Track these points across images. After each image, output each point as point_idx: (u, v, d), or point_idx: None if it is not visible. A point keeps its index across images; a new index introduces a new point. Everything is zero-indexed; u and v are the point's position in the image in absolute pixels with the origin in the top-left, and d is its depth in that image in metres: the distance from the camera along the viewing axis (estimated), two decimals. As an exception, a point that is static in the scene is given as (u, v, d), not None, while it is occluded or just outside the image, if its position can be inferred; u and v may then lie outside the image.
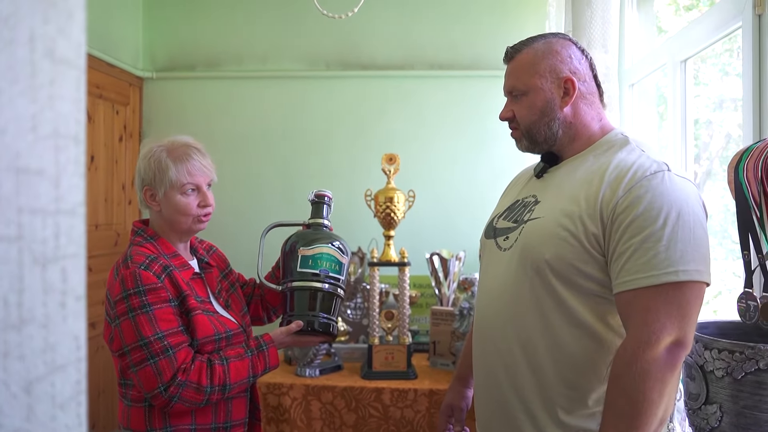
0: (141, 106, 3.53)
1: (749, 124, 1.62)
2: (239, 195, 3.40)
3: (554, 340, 1.29)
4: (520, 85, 1.40)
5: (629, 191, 1.22)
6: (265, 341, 1.59)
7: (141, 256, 1.50)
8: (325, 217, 1.75)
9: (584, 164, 1.36)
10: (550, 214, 1.32)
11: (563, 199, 1.32)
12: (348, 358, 2.72)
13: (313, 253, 1.65)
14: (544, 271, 1.29)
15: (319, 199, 1.76)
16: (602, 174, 1.28)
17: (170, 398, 1.43)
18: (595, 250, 1.25)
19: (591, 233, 1.24)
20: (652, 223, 1.18)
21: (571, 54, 1.40)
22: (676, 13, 3.26)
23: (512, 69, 1.43)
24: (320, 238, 1.68)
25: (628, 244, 1.19)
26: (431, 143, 3.40)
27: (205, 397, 1.46)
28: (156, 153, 1.56)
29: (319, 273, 1.64)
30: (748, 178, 1.24)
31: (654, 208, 1.18)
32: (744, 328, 1.34)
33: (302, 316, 1.63)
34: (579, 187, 1.31)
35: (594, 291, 1.26)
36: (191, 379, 1.44)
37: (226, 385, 1.49)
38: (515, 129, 1.45)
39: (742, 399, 1.17)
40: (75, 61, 0.44)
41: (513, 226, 1.41)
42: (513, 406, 1.35)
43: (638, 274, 1.17)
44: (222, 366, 1.49)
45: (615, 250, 1.22)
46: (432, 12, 3.41)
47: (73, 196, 0.44)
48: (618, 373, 1.17)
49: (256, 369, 1.55)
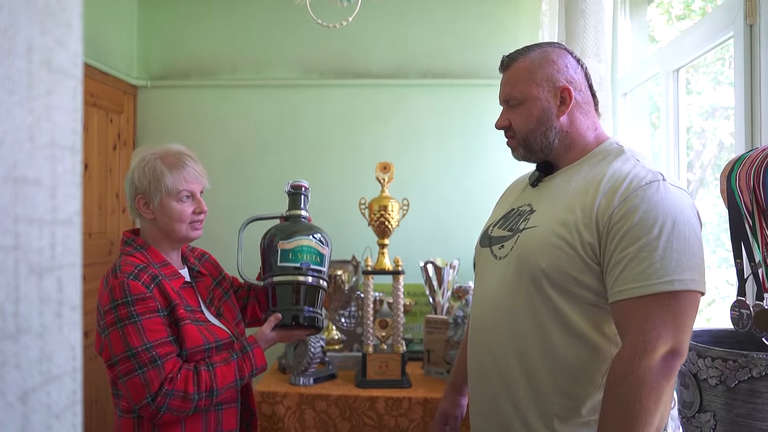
0: (135, 115, 3.53)
1: (741, 132, 1.63)
2: (232, 203, 3.39)
3: (549, 348, 1.29)
4: (517, 94, 1.40)
5: (625, 201, 1.23)
6: (248, 342, 1.58)
7: (130, 266, 1.49)
8: (303, 208, 1.73)
9: (580, 173, 1.37)
10: (545, 223, 1.33)
11: (559, 208, 1.33)
12: (342, 366, 2.71)
13: (292, 247, 1.63)
14: (540, 280, 1.29)
15: (295, 190, 1.73)
16: (598, 183, 1.29)
17: (158, 408, 1.42)
18: (590, 259, 1.25)
19: (587, 242, 1.25)
20: (648, 232, 1.19)
21: (567, 63, 1.40)
22: (668, 22, 3.28)
23: (508, 78, 1.43)
24: (299, 231, 1.65)
25: (624, 253, 1.20)
26: (425, 152, 3.41)
27: (193, 405, 1.45)
28: (150, 161, 1.56)
29: (300, 266, 1.62)
30: (741, 187, 1.24)
31: (649, 218, 1.19)
32: (737, 336, 1.34)
33: (286, 311, 1.61)
34: (575, 197, 1.31)
35: (590, 300, 1.27)
36: (177, 387, 1.43)
37: (214, 391, 1.48)
38: (511, 138, 1.46)
39: (736, 407, 1.17)
40: (72, 71, 0.44)
41: (508, 234, 1.42)
42: (508, 415, 1.35)
43: (634, 283, 1.18)
44: (208, 372, 1.48)
45: (611, 259, 1.22)
46: (425, 21, 3.43)
47: (70, 206, 0.44)
48: (614, 381, 1.18)
49: (243, 372, 1.54)
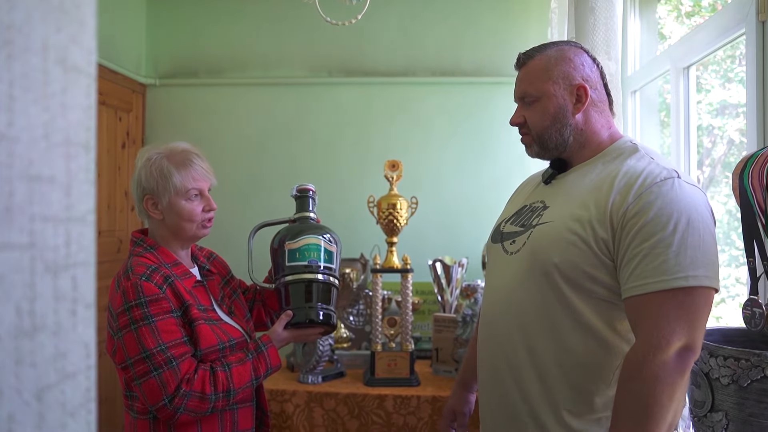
0: (144, 113, 3.54)
1: (753, 130, 1.62)
2: (242, 201, 3.40)
3: (561, 343, 1.30)
4: (533, 91, 1.40)
5: (639, 197, 1.23)
6: (263, 341, 1.57)
7: (142, 267, 1.48)
8: (311, 210, 1.74)
9: (593, 171, 1.37)
10: (559, 219, 1.33)
11: (572, 205, 1.33)
12: (350, 364, 2.71)
13: (299, 246, 1.63)
14: (552, 275, 1.29)
15: (302, 194, 1.75)
16: (612, 180, 1.30)
17: (175, 410, 1.42)
18: (604, 254, 1.26)
19: (600, 238, 1.26)
20: (662, 228, 1.19)
21: (583, 62, 1.41)
22: (677, 19, 3.27)
23: (524, 75, 1.44)
24: (305, 230, 1.66)
25: (639, 249, 1.20)
26: (433, 150, 3.41)
27: (210, 405, 1.45)
28: (156, 160, 1.55)
29: (309, 264, 1.62)
30: (753, 185, 1.23)
31: (664, 215, 1.20)
32: (749, 335, 1.33)
33: (299, 309, 1.61)
34: (588, 193, 1.32)
35: (602, 296, 1.27)
36: (195, 388, 1.43)
37: (230, 391, 1.48)
38: (526, 134, 1.46)
39: (748, 407, 1.16)
40: (86, 68, 0.44)
41: (520, 230, 1.42)
42: (519, 410, 1.35)
43: (649, 278, 1.18)
44: (224, 372, 1.48)
45: (625, 255, 1.23)
46: (434, 19, 3.42)
47: (84, 204, 0.44)
48: (628, 376, 1.18)
49: (258, 371, 1.54)
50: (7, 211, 0.36)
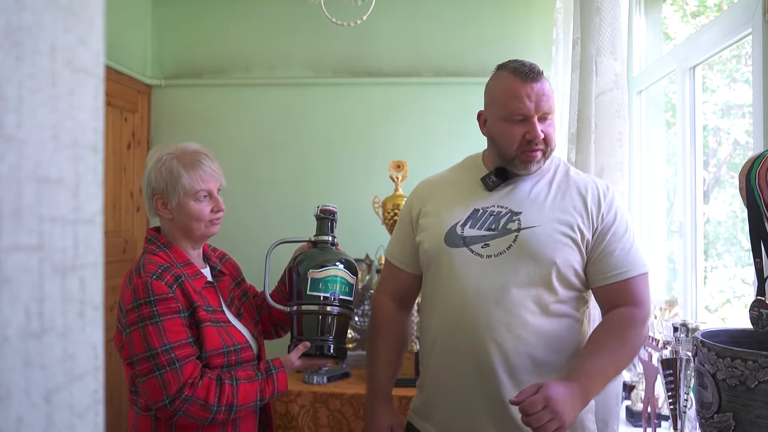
0: (149, 114, 3.54)
1: (759, 130, 1.62)
2: (246, 201, 3.40)
3: (545, 326, 1.49)
4: (553, 107, 1.51)
5: (609, 205, 1.53)
6: (275, 365, 1.56)
7: (153, 265, 1.49)
8: (331, 233, 1.72)
9: (542, 180, 1.57)
10: (547, 223, 1.49)
11: (554, 210, 1.52)
12: (355, 365, 2.71)
13: (323, 276, 1.62)
14: (549, 273, 1.47)
15: (324, 215, 1.72)
16: (578, 189, 1.55)
17: (175, 412, 1.42)
18: (586, 252, 1.51)
19: (586, 239, 1.51)
20: (626, 229, 1.52)
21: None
22: (682, 19, 3.26)
23: (544, 90, 1.50)
24: (329, 259, 1.64)
25: (615, 245, 1.50)
26: (438, 150, 3.40)
27: (211, 415, 1.44)
28: (166, 161, 1.55)
29: (329, 296, 1.61)
30: (760, 185, 1.23)
31: (623, 218, 1.54)
32: (756, 336, 1.33)
33: (312, 341, 1.60)
34: (564, 201, 1.53)
35: (577, 287, 1.52)
36: (198, 395, 1.43)
37: (233, 407, 1.47)
38: (540, 150, 1.51)
39: (756, 408, 1.16)
40: (94, 70, 0.44)
41: (493, 234, 1.50)
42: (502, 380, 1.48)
43: (632, 266, 1.50)
44: (231, 386, 1.47)
45: (602, 250, 1.50)
46: (438, 19, 3.41)
47: (92, 205, 0.44)
48: (626, 327, 1.47)
49: (264, 393, 1.52)
50: (16, 213, 0.36)
